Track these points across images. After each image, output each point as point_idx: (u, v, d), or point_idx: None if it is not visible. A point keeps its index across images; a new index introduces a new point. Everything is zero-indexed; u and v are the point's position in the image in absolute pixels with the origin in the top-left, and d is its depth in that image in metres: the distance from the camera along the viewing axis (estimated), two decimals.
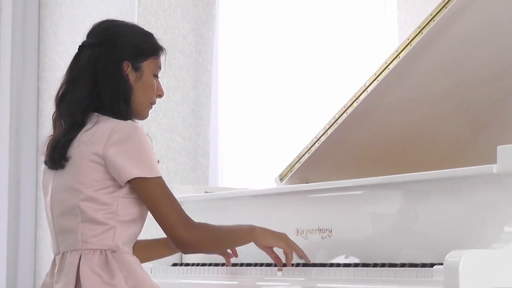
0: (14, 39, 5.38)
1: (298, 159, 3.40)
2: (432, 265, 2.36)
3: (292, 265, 2.73)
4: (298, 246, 2.70)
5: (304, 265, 2.73)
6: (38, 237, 5.45)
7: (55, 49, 5.47)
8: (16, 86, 5.39)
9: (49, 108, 5.16)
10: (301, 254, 2.72)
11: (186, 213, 2.47)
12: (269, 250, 2.69)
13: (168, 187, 2.45)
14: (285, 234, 2.69)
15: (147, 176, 2.38)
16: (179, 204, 2.45)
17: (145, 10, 4.96)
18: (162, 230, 2.46)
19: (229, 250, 2.84)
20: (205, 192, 3.33)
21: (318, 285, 2.62)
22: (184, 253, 2.67)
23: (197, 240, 2.45)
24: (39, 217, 5.45)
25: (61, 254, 2.43)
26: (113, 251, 2.39)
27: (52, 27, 5.51)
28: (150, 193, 2.40)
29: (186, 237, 2.43)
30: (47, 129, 5.30)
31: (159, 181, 2.41)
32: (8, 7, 5.35)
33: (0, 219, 5.25)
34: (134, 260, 2.42)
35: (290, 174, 3.45)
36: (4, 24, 5.33)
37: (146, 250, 2.74)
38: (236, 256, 2.84)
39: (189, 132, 5.09)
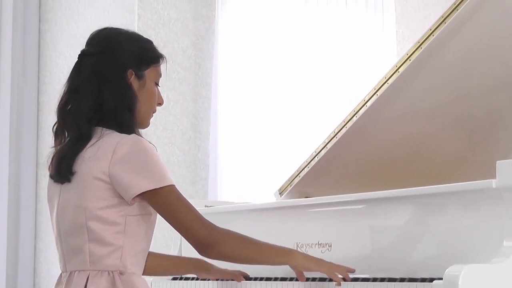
0: (14, 52, 5.39)
1: (298, 173, 3.40)
2: (431, 279, 2.36)
3: (291, 279, 2.73)
4: (339, 266, 2.57)
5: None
6: (37, 249, 5.45)
7: (55, 62, 5.48)
8: (16, 99, 5.40)
9: (49, 121, 5.16)
10: (346, 271, 2.57)
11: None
12: (299, 271, 2.61)
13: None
14: (322, 259, 2.59)
15: (158, 187, 2.33)
16: (196, 210, 2.40)
17: (145, 24, 4.97)
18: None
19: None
20: (205, 206, 3.32)
21: None
22: (208, 258, 2.52)
23: (219, 240, 2.38)
24: (39, 230, 5.44)
25: (68, 273, 2.40)
26: (121, 273, 2.34)
27: (52, 41, 5.52)
28: (164, 203, 2.35)
29: (208, 238, 2.37)
30: (47, 142, 5.30)
31: (171, 189, 2.36)
32: (9, 21, 5.36)
33: None
34: (142, 283, 2.38)
35: (289, 188, 3.44)
36: (4, 38, 5.34)
37: (163, 262, 2.75)
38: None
39: (189, 145, 5.10)
